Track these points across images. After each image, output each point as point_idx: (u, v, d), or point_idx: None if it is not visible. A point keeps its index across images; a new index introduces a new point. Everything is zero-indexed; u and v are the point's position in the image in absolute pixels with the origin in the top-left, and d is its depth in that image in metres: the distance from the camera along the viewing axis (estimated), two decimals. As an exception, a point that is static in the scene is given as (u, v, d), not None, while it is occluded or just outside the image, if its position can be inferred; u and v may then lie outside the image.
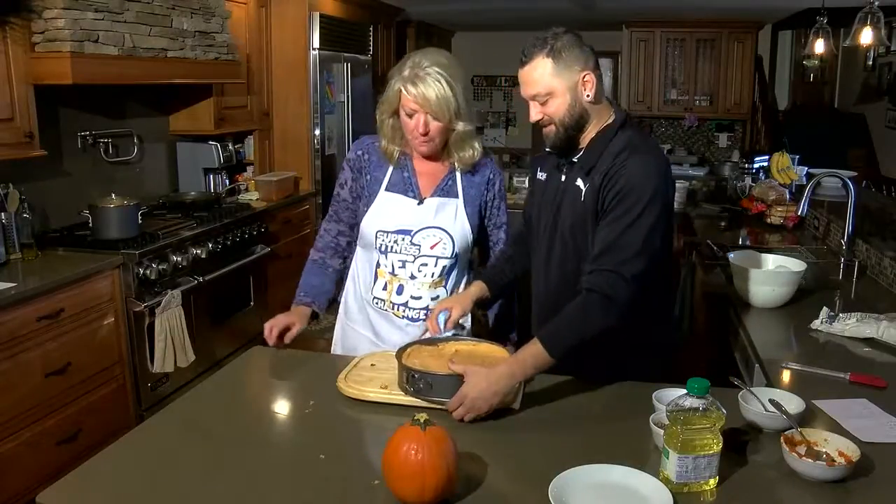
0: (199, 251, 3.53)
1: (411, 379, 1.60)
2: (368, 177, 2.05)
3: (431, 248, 2.01)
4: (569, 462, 1.30)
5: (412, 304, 2.03)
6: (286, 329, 1.99)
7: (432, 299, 2.03)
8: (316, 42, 4.90)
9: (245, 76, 4.34)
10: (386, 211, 2.01)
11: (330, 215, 2.17)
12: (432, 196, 2.02)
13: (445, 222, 2.01)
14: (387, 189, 2.02)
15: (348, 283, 2.16)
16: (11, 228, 2.99)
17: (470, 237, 2.06)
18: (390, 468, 1.23)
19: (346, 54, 5.26)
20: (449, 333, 1.87)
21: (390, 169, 2.03)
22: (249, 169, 4.81)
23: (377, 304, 2.06)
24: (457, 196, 2.04)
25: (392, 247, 2.01)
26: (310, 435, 1.56)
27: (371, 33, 5.75)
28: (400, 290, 2.03)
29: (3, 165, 2.96)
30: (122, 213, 3.29)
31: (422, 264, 2.01)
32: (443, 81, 1.87)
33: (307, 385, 1.87)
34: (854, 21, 4.03)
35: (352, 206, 2.09)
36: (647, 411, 1.49)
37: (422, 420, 1.24)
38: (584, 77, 1.70)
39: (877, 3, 3.96)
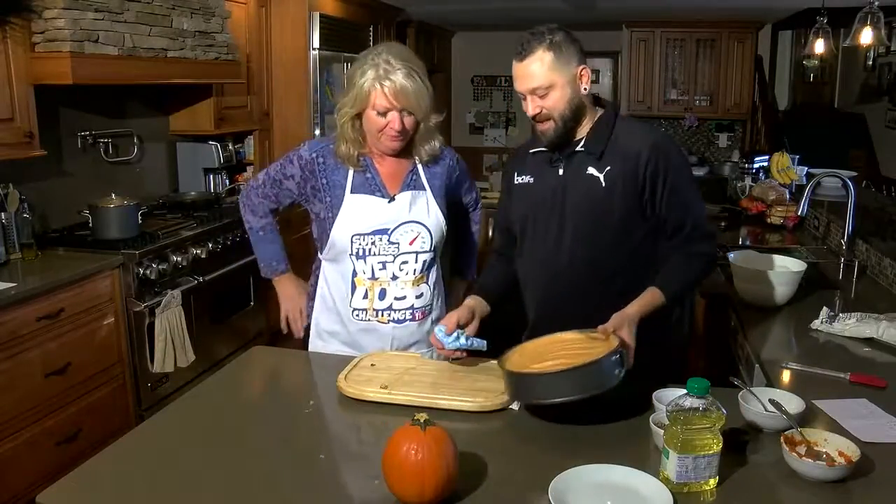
0: (199, 251, 3.53)
1: (586, 377, 1.48)
2: (325, 181, 1.99)
3: (410, 244, 1.97)
4: (569, 462, 1.30)
5: (396, 305, 1.99)
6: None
7: (417, 297, 2.00)
8: (316, 42, 4.90)
9: (245, 76, 4.34)
10: (357, 214, 1.95)
11: (266, 194, 2.11)
12: (401, 192, 1.99)
13: (420, 216, 1.98)
14: (352, 192, 1.97)
15: (317, 304, 2.09)
16: (11, 228, 2.99)
17: (444, 229, 2.04)
18: (390, 468, 1.23)
19: (346, 54, 5.26)
20: (456, 345, 1.74)
21: (351, 172, 1.98)
22: (249, 169, 4.80)
23: (357, 315, 2.00)
24: (424, 189, 2.01)
25: (370, 249, 1.96)
26: (310, 435, 1.56)
27: (371, 33, 5.75)
28: (382, 295, 1.98)
29: (3, 165, 2.95)
30: (122, 213, 3.29)
31: (402, 262, 1.98)
32: (415, 76, 1.86)
33: (307, 385, 1.87)
34: (854, 21, 4.03)
35: (296, 198, 2.07)
36: (647, 411, 1.49)
37: (422, 420, 1.24)
38: (581, 70, 1.76)
39: (877, 3, 3.96)
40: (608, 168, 1.77)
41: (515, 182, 1.94)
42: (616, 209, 1.78)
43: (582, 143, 1.81)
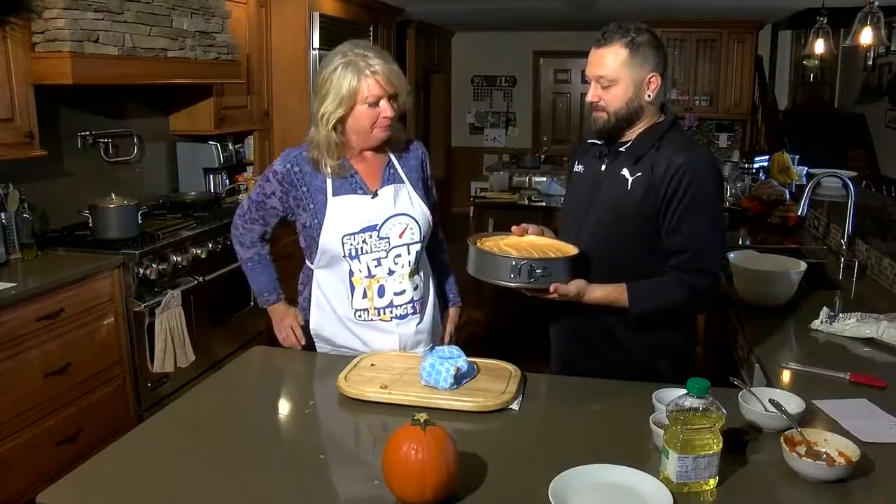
0: (199, 251, 3.53)
1: (530, 270, 1.67)
2: (305, 188, 1.97)
3: (400, 236, 1.98)
4: (569, 462, 1.30)
5: (396, 300, 2.00)
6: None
7: (414, 289, 2.02)
8: (316, 42, 4.90)
9: (245, 76, 4.34)
10: (343, 214, 1.95)
11: (253, 218, 2.08)
12: (382, 186, 1.99)
13: (406, 208, 2.00)
14: (334, 195, 1.95)
15: (314, 315, 2.05)
16: (11, 228, 2.99)
17: (430, 219, 2.05)
18: (390, 468, 1.23)
19: (346, 54, 5.25)
20: (448, 382, 1.66)
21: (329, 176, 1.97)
22: (249, 169, 4.81)
23: (360, 316, 2.00)
24: (403, 182, 2.03)
25: (362, 248, 1.95)
26: (310, 435, 1.56)
27: (371, 33, 5.75)
28: (381, 292, 1.98)
29: (3, 165, 2.95)
30: (122, 213, 3.29)
31: (396, 256, 1.98)
32: (390, 60, 1.91)
33: (307, 385, 1.87)
34: (854, 21, 4.04)
35: (282, 213, 2.04)
36: (647, 411, 1.49)
37: (422, 420, 1.24)
38: (650, 77, 1.78)
39: (877, 3, 3.96)
40: (638, 174, 1.79)
41: (574, 170, 2.00)
42: (634, 214, 1.79)
43: (628, 144, 1.83)
